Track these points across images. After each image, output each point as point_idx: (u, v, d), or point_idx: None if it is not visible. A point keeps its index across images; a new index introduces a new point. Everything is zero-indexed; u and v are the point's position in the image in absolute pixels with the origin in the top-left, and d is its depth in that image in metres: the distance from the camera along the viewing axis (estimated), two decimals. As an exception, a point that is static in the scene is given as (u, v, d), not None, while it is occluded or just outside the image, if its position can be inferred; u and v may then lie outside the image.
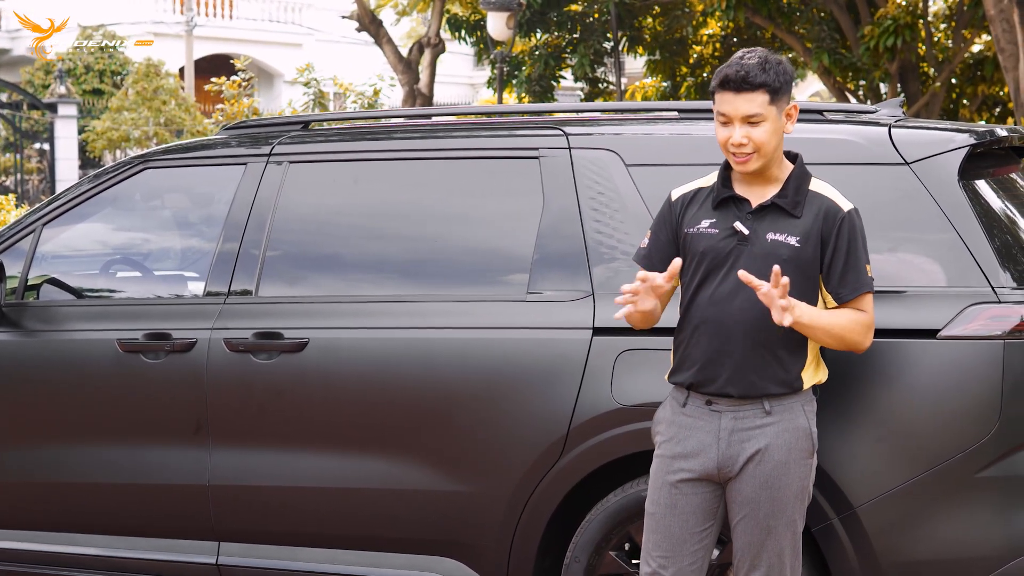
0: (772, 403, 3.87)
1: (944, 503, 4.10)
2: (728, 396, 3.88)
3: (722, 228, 3.91)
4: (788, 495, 3.87)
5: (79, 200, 5.39)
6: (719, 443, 3.89)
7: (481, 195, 4.87)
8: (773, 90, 3.84)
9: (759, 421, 3.87)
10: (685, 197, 4.03)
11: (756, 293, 3.74)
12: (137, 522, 5.07)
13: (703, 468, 3.90)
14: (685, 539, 3.93)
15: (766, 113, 3.83)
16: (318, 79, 20.37)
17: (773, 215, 3.89)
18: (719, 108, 3.88)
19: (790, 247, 3.84)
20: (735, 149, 3.86)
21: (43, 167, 29.49)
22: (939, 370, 4.10)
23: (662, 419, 4.04)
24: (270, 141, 5.19)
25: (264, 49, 40.91)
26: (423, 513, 4.65)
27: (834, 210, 3.88)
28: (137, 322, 5.06)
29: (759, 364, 3.85)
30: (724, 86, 3.85)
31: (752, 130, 3.84)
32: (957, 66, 19.78)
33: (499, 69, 20.53)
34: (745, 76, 3.81)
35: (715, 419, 3.91)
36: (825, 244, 3.87)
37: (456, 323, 4.64)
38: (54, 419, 5.16)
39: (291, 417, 4.80)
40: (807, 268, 3.86)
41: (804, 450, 3.90)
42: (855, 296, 3.87)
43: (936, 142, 4.35)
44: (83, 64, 34.73)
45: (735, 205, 3.93)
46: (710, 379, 3.89)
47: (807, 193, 3.91)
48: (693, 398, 3.95)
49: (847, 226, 3.87)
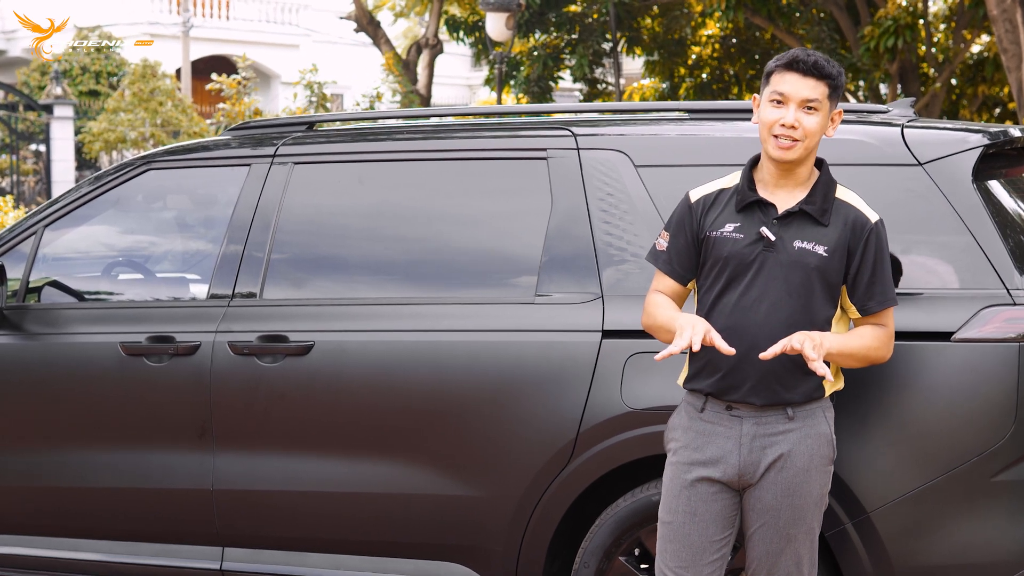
0: (795, 410, 3.82)
1: (959, 507, 4.05)
2: (751, 404, 3.82)
3: (747, 233, 3.83)
4: (809, 503, 3.83)
5: (81, 202, 5.35)
6: (740, 449, 3.83)
7: (489, 196, 4.82)
8: (834, 86, 3.81)
9: (781, 427, 3.82)
10: (707, 199, 3.95)
11: (782, 304, 3.72)
12: (140, 527, 5.03)
13: (723, 475, 3.84)
14: (704, 548, 3.86)
15: (822, 105, 3.79)
16: (321, 82, 20.35)
17: (800, 222, 3.82)
18: (777, 88, 3.80)
19: (818, 256, 3.78)
20: (783, 131, 3.77)
21: (39, 169, 29.42)
22: (954, 373, 4.06)
23: (677, 425, 3.96)
24: (274, 142, 5.15)
25: (261, 50, 40.86)
26: (431, 518, 4.61)
27: (862, 221, 3.83)
28: (140, 325, 5.01)
29: (783, 373, 3.78)
30: (791, 67, 3.80)
31: (806, 117, 3.78)
32: (957, 67, 19.77)
33: (498, 70, 20.50)
34: (816, 62, 3.78)
35: (736, 424, 3.85)
36: (852, 255, 3.81)
37: (463, 326, 4.59)
38: (56, 423, 5.11)
39: (296, 421, 4.75)
40: (832, 277, 3.81)
41: (825, 456, 3.85)
42: (881, 309, 3.83)
43: (950, 142, 4.30)
44: (79, 65, 34.67)
45: (760, 210, 3.85)
46: (733, 387, 3.82)
47: (834, 201, 3.85)
48: (712, 403, 3.88)
49: (875, 238, 3.82)
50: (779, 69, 3.82)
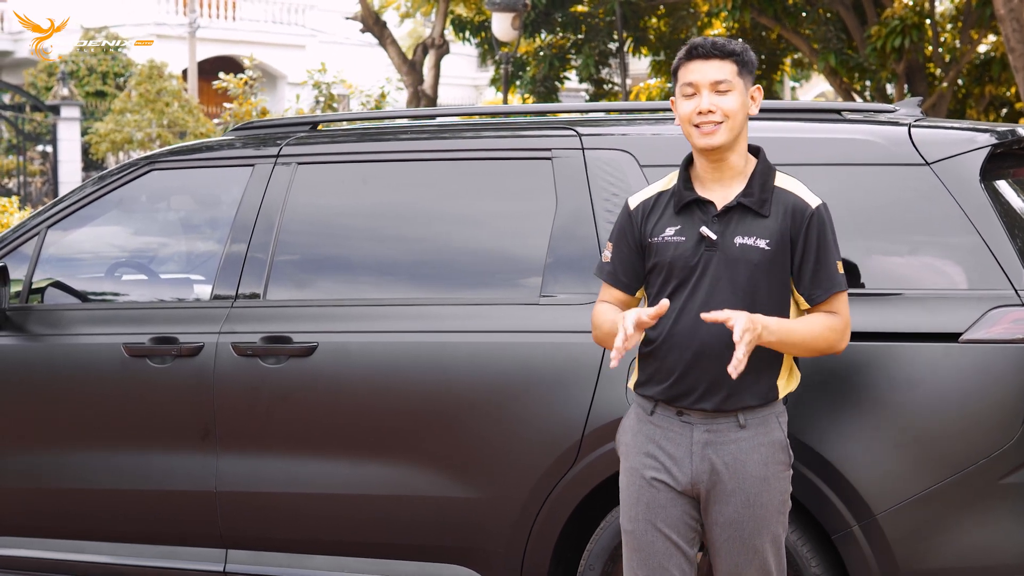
0: (747, 416, 3.72)
1: (967, 510, 4.03)
2: (702, 410, 3.74)
3: (689, 235, 3.74)
4: (770, 511, 3.74)
5: (84, 202, 5.33)
6: (692, 456, 3.74)
7: (493, 197, 4.81)
8: (741, 62, 3.76)
9: (733, 435, 3.72)
10: (645, 204, 3.87)
11: (728, 304, 3.63)
12: (144, 529, 5.01)
13: (675, 481, 3.75)
14: (670, 553, 3.78)
15: (733, 83, 3.73)
16: (328, 82, 20.34)
17: (740, 216, 3.73)
18: (685, 79, 3.75)
19: (760, 251, 3.70)
20: (702, 119, 3.71)
21: (46, 169, 29.45)
22: (961, 374, 4.03)
23: (627, 429, 3.88)
24: (278, 142, 5.13)
25: (267, 50, 40.87)
26: (434, 520, 4.59)
27: (802, 207, 3.74)
28: (143, 326, 5.00)
29: (735, 377, 3.63)
30: (691, 55, 3.75)
31: (720, 98, 3.71)
32: (964, 66, 19.71)
33: (504, 70, 20.47)
34: (714, 43, 3.74)
35: (687, 431, 3.75)
36: (794, 244, 3.73)
37: (468, 327, 4.57)
38: (59, 425, 5.10)
39: (300, 422, 4.73)
40: (779, 271, 3.72)
41: (782, 463, 3.77)
42: (828, 297, 3.74)
43: (957, 142, 4.27)
44: (86, 66, 34.72)
45: (699, 209, 3.77)
46: (684, 393, 3.73)
47: (773, 190, 3.77)
48: (662, 408, 3.79)
49: (816, 224, 3.73)
50: (682, 62, 3.78)
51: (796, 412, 4.10)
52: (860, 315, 4.12)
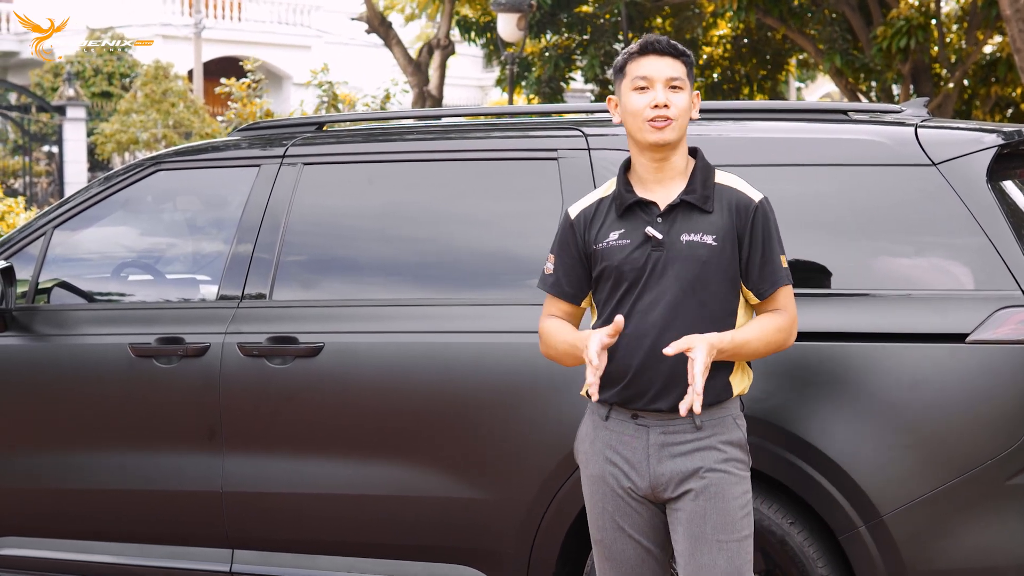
0: (702, 416, 3.66)
1: (974, 511, 4.02)
2: (657, 411, 3.68)
3: (633, 237, 3.68)
4: (735, 507, 3.66)
5: (90, 202, 5.34)
6: (649, 460, 3.67)
7: (499, 197, 4.80)
8: (689, 63, 3.74)
9: (689, 436, 3.67)
10: (587, 212, 3.81)
11: (678, 303, 3.60)
12: (150, 529, 5.02)
13: (635, 485, 3.70)
14: (642, 560, 3.75)
15: (685, 82, 3.71)
16: (332, 82, 20.31)
17: (684, 214, 3.69)
18: (639, 73, 3.70)
19: (708, 247, 3.65)
20: (656, 112, 3.66)
21: (52, 170, 29.49)
22: (968, 375, 4.02)
23: (584, 437, 3.83)
24: (283, 143, 5.13)
25: (273, 51, 40.92)
26: (441, 520, 4.58)
27: (745, 202, 3.70)
28: (149, 326, 5.00)
29: (687, 375, 3.58)
30: (647, 51, 3.71)
31: (674, 95, 3.69)
32: (970, 67, 19.70)
33: (509, 70, 20.48)
34: (670, 41, 3.72)
35: (642, 434, 3.69)
36: (741, 239, 3.69)
37: (474, 327, 4.57)
38: (65, 425, 5.10)
39: (306, 423, 4.73)
40: (727, 266, 3.67)
41: (742, 463, 3.71)
42: (774, 291, 3.70)
43: (964, 142, 4.27)
44: (92, 67, 34.75)
45: (642, 210, 3.71)
46: (637, 396, 3.67)
47: (714, 187, 3.73)
48: (617, 412, 3.72)
49: (760, 218, 3.69)
50: (634, 57, 3.74)
51: (803, 412, 4.10)
52: (866, 316, 4.13)
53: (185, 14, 39.15)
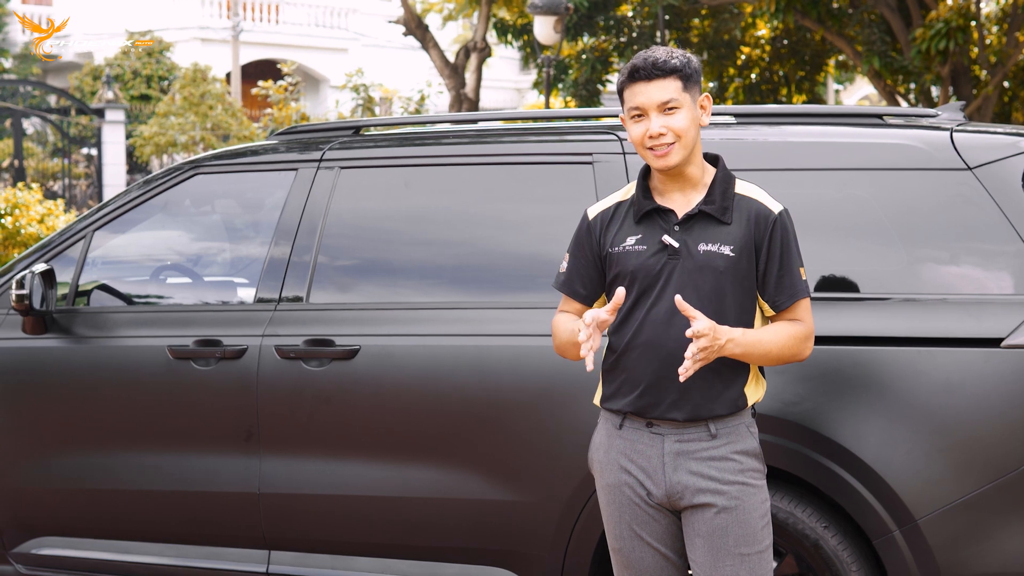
0: (717, 425, 3.65)
1: (1009, 515, 4.00)
2: (672, 420, 3.68)
3: (650, 244, 3.66)
4: (755, 517, 3.65)
5: (130, 206, 5.38)
6: (664, 468, 3.66)
7: (535, 201, 4.81)
8: (685, 76, 3.65)
9: (705, 445, 3.65)
10: (604, 215, 3.80)
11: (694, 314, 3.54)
12: (187, 530, 5.05)
13: (650, 495, 3.68)
14: (662, 566, 3.73)
15: (681, 100, 3.64)
16: (367, 84, 20.39)
17: (702, 224, 3.66)
18: (632, 103, 3.66)
19: (725, 257, 3.63)
20: (653, 142, 3.63)
21: (91, 172, 29.64)
22: (1003, 379, 4.01)
23: (599, 446, 3.81)
24: (321, 146, 5.16)
25: (310, 54, 41.06)
26: (476, 522, 4.60)
27: (764, 213, 3.67)
28: (188, 329, 5.04)
29: (704, 385, 3.60)
30: (634, 77, 3.65)
31: (669, 119, 3.62)
32: (1010, 69, 19.56)
33: (546, 73, 20.48)
34: (655, 62, 3.63)
35: (657, 442, 3.68)
36: (758, 250, 3.66)
37: (509, 330, 4.59)
38: (104, 426, 5.15)
39: (342, 425, 4.76)
40: (744, 278, 3.65)
41: (757, 471, 3.69)
42: (791, 303, 3.67)
43: (1000, 146, 4.26)
44: (131, 70, 34.96)
45: (660, 218, 3.68)
46: (653, 405, 3.65)
47: (734, 197, 3.70)
48: (631, 420, 3.71)
49: (779, 230, 3.66)
50: (626, 84, 3.68)
51: (837, 416, 4.10)
52: (902, 320, 4.12)
53: (223, 17, 39.33)
